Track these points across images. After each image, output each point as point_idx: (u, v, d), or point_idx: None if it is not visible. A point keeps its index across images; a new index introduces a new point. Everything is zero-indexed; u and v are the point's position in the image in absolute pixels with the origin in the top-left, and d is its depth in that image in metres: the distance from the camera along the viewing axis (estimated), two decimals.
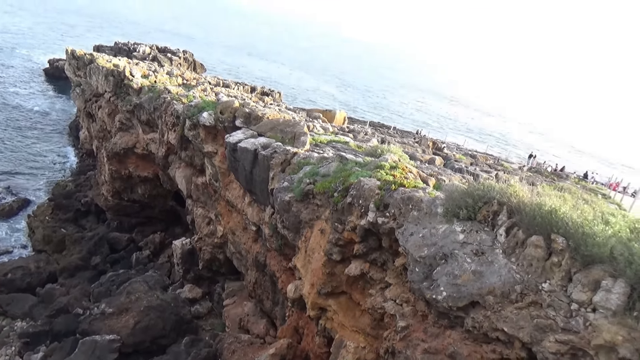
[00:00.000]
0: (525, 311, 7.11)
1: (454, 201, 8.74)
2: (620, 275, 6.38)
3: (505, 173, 25.43)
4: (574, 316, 6.63)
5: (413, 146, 29.18)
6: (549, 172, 44.46)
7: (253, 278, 17.88)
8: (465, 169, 20.84)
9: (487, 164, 32.16)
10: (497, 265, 7.71)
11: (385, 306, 9.76)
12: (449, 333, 8.12)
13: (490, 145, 71.64)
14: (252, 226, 17.30)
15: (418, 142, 34.63)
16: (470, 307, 7.71)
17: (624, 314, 6.21)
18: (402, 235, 9.23)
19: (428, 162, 20.78)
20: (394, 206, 9.77)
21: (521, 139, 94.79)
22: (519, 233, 7.64)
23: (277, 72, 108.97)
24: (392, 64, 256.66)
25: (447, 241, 8.46)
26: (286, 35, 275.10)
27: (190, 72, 42.27)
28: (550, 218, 7.23)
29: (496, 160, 44.06)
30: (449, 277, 7.97)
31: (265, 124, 16.97)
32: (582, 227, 6.94)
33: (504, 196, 8.15)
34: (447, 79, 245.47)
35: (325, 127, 21.62)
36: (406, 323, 8.90)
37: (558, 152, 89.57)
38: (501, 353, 7.29)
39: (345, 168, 12.44)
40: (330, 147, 16.55)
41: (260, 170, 15.27)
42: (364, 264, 10.89)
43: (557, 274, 6.97)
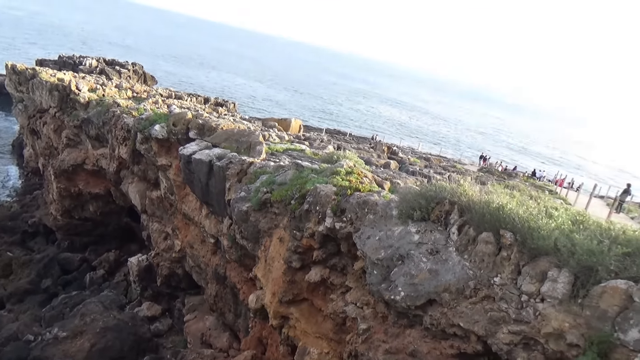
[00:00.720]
0: (479, 305, 7.37)
1: (408, 203, 8.97)
2: (564, 265, 6.74)
3: (458, 174, 26.29)
4: (525, 307, 6.94)
5: (369, 151, 29.69)
6: (499, 171, 46.23)
7: (214, 291, 17.60)
8: (420, 172, 21.39)
9: (440, 166, 33.13)
10: (451, 262, 7.97)
11: (346, 310, 9.85)
12: (408, 332, 8.30)
13: (444, 148, 73.79)
14: (211, 238, 17.06)
15: (373, 147, 35.25)
16: (427, 305, 7.91)
17: (570, 302, 6.56)
18: (360, 239, 9.38)
19: (383, 166, 21.22)
20: (351, 211, 9.92)
21: (473, 142, 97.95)
22: (470, 231, 7.93)
23: (232, 83, 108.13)
24: (346, 70, 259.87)
25: (403, 242, 8.67)
26: (236, 44, 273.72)
27: (140, 84, 41.33)
28: (498, 215, 7.56)
29: (449, 162, 45.42)
30: (406, 277, 8.16)
31: (220, 135, 16.82)
32: (527, 221, 7.29)
33: (454, 196, 8.44)
34: (404, 87, 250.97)
35: (281, 135, 21.66)
36: (367, 325, 9.02)
37: (507, 152, 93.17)
38: (459, 348, 7.52)
39: (301, 176, 12.51)
40: (286, 155, 16.60)
41: (217, 182, 15.11)
42: (324, 270, 10.96)
43: (507, 268, 7.28)
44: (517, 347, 6.87)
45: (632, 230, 7.30)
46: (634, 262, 6.45)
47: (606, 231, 7.20)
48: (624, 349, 5.87)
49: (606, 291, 6.15)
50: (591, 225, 7.58)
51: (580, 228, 7.51)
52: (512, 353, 6.88)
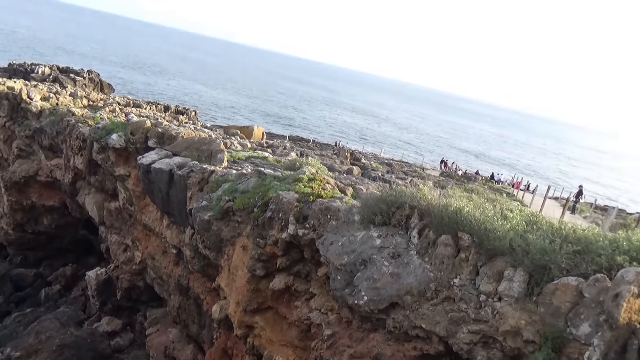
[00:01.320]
0: (440, 307, 7.53)
1: (369, 208, 9.09)
2: (519, 265, 6.98)
3: (419, 178, 26.79)
4: (483, 307, 7.14)
5: (332, 158, 29.87)
6: (459, 175, 47.43)
7: (176, 303, 17.23)
8: (382, 177, 21.67)
9: (402, 171, 33.69)
10: (412, 266, 8.11)
11: (311, 317, 9.85)
12: (372, 336, 8.38)
13: (406, 153, 75.06)
14: (172, 249, 16.72)
15: (336, 153, 35.49)
16: (390, 309, 8.02)
17: (525, 300, 6.79)
18: (323, 245, 9.42)
19: (346, 172, 21.40)
20: (313, 217, 9.96)
21: (434, 148, 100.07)
22: (430, 234, 8.11)
23: (193, 90, 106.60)
24: (311, 78, 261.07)
25: (365, 247, 8.77)
26: (200, 53, 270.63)
27: (96, 92, 40.18)
28: (456, 217, 7.76)
29: (411, 167, 46.25)
30: (369, 282, 8.25)
31: (180, 143, 16.56)
32: (484, 223, 7.52)
33: (414, 200, 8.62)
34: (369, 95, 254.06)
35: (243, 143, 21.51)
36: (332, 331, 9.05)
37: (465, 157, 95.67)
38: (421, 349, 7.65)
39: (264, 183, 12.47)
40: (248, 163, 16.49)
41: (177, 191, 14.85)
42: (288, 277, 10.94)
43: (466, 269, 7.48)
44: (477, 346, 7.05)
45: (582, 229, 7.64)
46: (584, 259, 6.76)
47: (557, 231, 7.51)
48: (576, 343, 6.12)
49: (558, 288, 6.40)
50: (544, 225, 7.88)
51: (534, 228, 7.80)
52: (472, 352, 7.06)
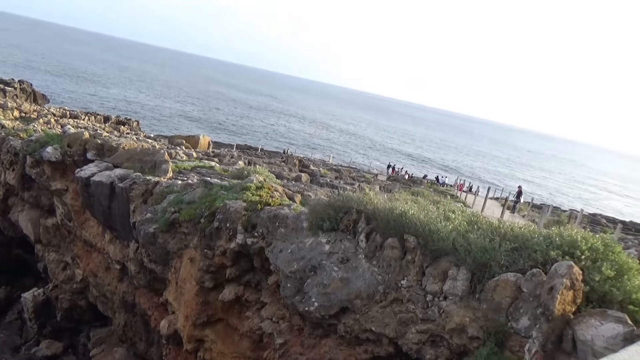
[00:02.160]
0: (389, 309, 7.67)
1: (317, 214, 9.13)
2: (462, 264, 7.23)
3: (366, 183, 27.23)
4: (430, 306, 7.33)
5: (280, 165, 29.81)
6: (405, 179, 48.61)
7: (122, 321, 16.54)
8: (330, 183, 21.85)
9: (350, 177, 34.12)
10: (361, 269, 8.22)
11: (262, 326, 9.75)
12: (324, 342, 8.40)
13: (354, 159, 76.15)
14: (116, 265, 16.05)
15: (285, 161, 35.46)
16: (341, 313, 8.07)
17: (469, 298, 7.04)
18: (272, 253, 9.37)
19: (295, 179, 21.41)
20: (262, 225, 9.89)
21: (381, 154, 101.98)
22: (377, 237, 8.25)
23: (136, 100, 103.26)
24: (257, 86, 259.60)
25: (314, 253, 8.79)
26: (138, 61, 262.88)
27: (29, 103, 38.10)
28: (401, 220, 7.94)
29: (359, 172, 46.93)
30: (319, 288, 8.27)
31: (122, 155, 15.98)
32: (428, 225, 7.73)
33: (361, 205, 8.75)
34: (316, 102, 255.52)
35: (188, 153, 21.07)
36: (284, 339, 9.00)
37: (410, 161, 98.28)
38: (372, 352, 7.75)
39: (210, 193, 12.25)
40: (194, 173, 16.16)
41: (120, 204, 14.30)
42: (238, 287, 10.78)
43: (412, 270, 7.66)
44: (425, 345, 7.23)
45: (519, 227, 8.02)
46: (521, 255, 7.09)
47: (496, 229, 7.84)
48: (517, 336, 6.40)
49: (499, 284, 6.68)
50: (484, 225, 8.21)
51: (475, 228, 8.10)
52: (421, 351, 7.23)
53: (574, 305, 6.09)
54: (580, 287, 6.12)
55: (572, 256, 6.69)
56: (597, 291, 6.29)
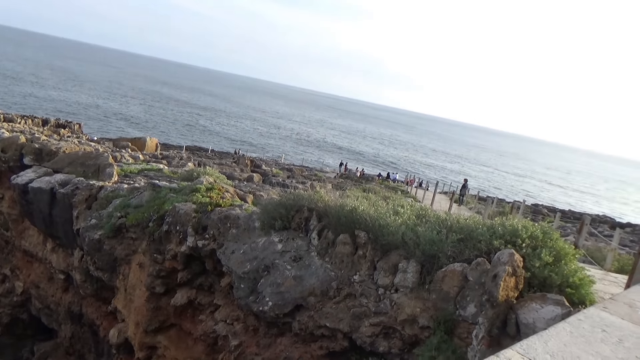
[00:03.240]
0: (343, 304, 7.76)
1: (269, 214, 9.10)
2: (411, 256, 7.42)
3: (318, 181, 27.37)
4: (382, 299, 7.48)
5: (231, 166, 29.43)
6: (357, 176, 49.23)
7: (69, 332, 15.83)
8: (282, 183, 21.80)
9: (303, 176, 34.17)
10: (314, 267, 8.26)
11: (216, 329, 9.60)
12: (280, 340, 8.39)
13: (306, 158, 76.24)
14: (60, 274, 15.34)
15: (236, 161, 35.03)
16: (295, 311, 8.08)
17: (419, 289, 7.24)
18: (224, 254, 9.25)
19: (246, 180, 21.21)
20: (213, 227, 9.74)
21: (333, 153, 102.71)
22: (329, 234, 8.33)
23: (78, 101, 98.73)
24: (204, 86, 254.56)
25: (267, 253, 8.76)
26: (74, 61, 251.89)
27: None
28: (352, 216, 8.05)
29: (311, 171, 47.09)
30: (273, 287, 8.25)
31: (62, 159, 15.27)
32: (378, 220, 7.88)
33: (312, 203, 8.79)
34: (269, 103, 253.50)
35: (135, 156, 20.41)
36: (239, 341, 8.91)
37: (362, 159, 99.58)
38: (327, 347, 7.81)
39: (159, 196, 11.93)
40: (141, 176, 15.69)
41: (61, 211, 13.66)
42: (191, 291, 10.56)
43: (364, 265, 7.79)
44: (379, 338, 7.36)
45: (464, 219, 8.31)
46: (467, 246, 7.36)
47: (443, 222, 8.10)
48: (465, 323, 6.64)
49: (446, 275, 6.91)
50: (431, 218, 8.46)
51: (423, 221, 8.34)
52: (374, 344, 7.36)
53: (517, 290, 6.39)
54: (522, 273, 6.43)
55: (514, 244, 7.02)
56: (538, 276, 6.62)
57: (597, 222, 48.66)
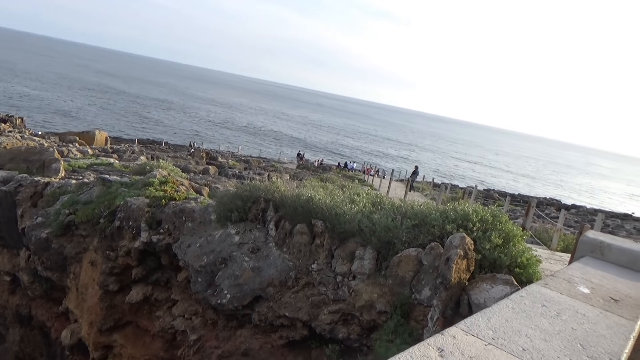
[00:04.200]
0: (302, 293, 7.80)
1: (225, 206, 8.99)
2: (368, 244, 7.54)
3: (276, 172, 27.27)
4: (340, 287, 7.57)
5: (186, 159, 28.83)
6: (315, 166, 49.39)
7: (18, 336, 15.13)
8: (239, 174, 21.58)
9: (260, 167, 33.93)
10: (272, 258, 8.24)
11: (174, 324, 9.45)
12: (239, 332, 8.35)
13: (263, 149, 75.70)
14: (6, 276, 14.61)
15: (191, 154, 34.34)
16: (254, 303, 8.06)
17: (376, 275, 7.37)
18: (180, 248, 9.08)
19: (202, 172, 20.86)
20: (167, 221, 9.53)
21: (289, 143, 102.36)
22: (286, 224, 8.32)
23: (20, 94, 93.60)
24: (153, 77, 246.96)
25: (224, 245, 8.66)
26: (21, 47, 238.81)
27: None
28: (309, 206, 8.08)
29: (269, 162, 46.83)
30: (231, 279, 8.18)
31: (3, 155, 14.49)
32: (334, 209, 7.94)
33: (268, 193, 8.75)
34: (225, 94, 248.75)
35: (83, 150, 19.63)
36: (198, 335, 8.80)
37: (318, 149, 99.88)
38: (287, 337, 7.84)
39: (109, 191, 11.55)
40: (91, 171, 15.13)
41: (4, 210, 12.98)
42: (146, 287, 10.33)
43: (322, 254, 7.84)
44: (338, 325, 7.46)
45: (418, 205, 8.51)
46: (421, 231, 7.54)
47: (398, 209, 8.25)
48: (421, 306, 6.82)
49: (402, 260, 7.06)
50: (387, 205, 8.61)
51: (379, 209, 8.47)
52: (334, 331, 7.45)
53: (468, 272, 6.62)
54: (473, 255, 6.66)
55: (466, 228, 7.25)
56: (488, 258, 6.88)
57: (545, 205, 51.04)
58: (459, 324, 1.79)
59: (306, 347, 7.88)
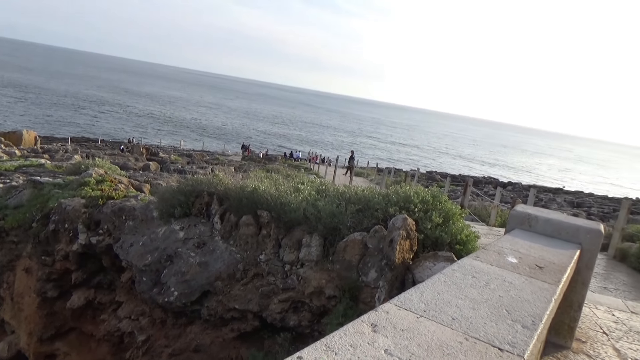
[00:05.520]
0: (251, 285, 7.78)
1: (167, 202, 8.77)
2: (314, 231, 7.61)
3: (221, 165, 26.83)
4: (289, 275, 7.61)
5: (125, 156, 27.75)
6: (260, 158, 49.02)
7: None
8: (182, 169, 21.06)
9: (203, 161, 33.23)
10: (219, 251, 8.15)
11: (121, 327, 9.16)
12: (189, 329, 8.23)
13: (207, 143, 74.12)
14: None
15: (130, 150, 33.07)
16: (203, 298, 7.96)
17: (323, 261, 7.47)
18: (122, 248, 8.78)
19: (142, 169, 20.19)
20: (107, 221, 9.17)
21: (235, 134, 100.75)
22: (232, 217, 8.24)
23: None
24: (85, 71, 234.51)
25: (168, 242, 8.47)
26: None
27: None
28: (253, 197, 8.03)
29: (213, 155, 45.98)
30: (178, 276, 8.03)
31: None
32: (279, 198, 7.95)
33: (212, 187, 8.61)
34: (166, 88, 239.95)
35: (10, 152, 18.42)
36: (146, 335, 8.59)
37: (264, 139, 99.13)
38: (239, 329, 7.82)
39: (42, 193, 10.94)
40: (20, 173, 14.22)
41: None
42: (88, 291, 9.92)
43: (269, 244, 7.84)
44: (288, 313, 7.52)
45: (362, 190, 8.68)
46: (365, 215, 7.71)
47: (342, 195, 8.38)
48: (368, 288, 6.99)
49: (348, 244, 7.20)
50: (331, 192, 8.71)
51: (324, 196, 8.56)
52: (285, 319, 7.50)
53: (412, 252, 6.86)
54: (415, 235, 6.90)
55: (408, 210, 7.48)
56: (430, 237, 7.15)
57: (484, 183, 53.49)
58: (393, 300, 1.87)
59: (258, 337, 7.89)
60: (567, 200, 44.18)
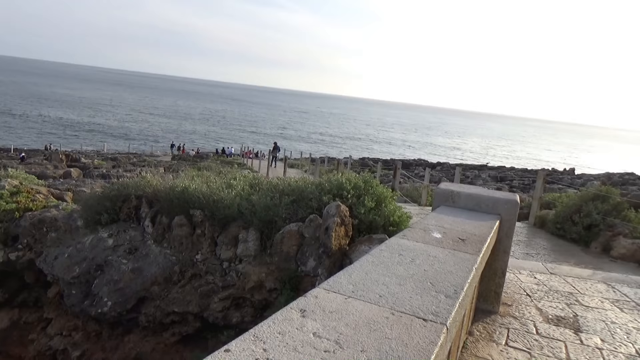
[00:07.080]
0: (189, 286, 7.61)
1: (91, 209, 8.34)
2: (250, 226, 7.57)
3: (150, 167, 25.83)
4: (228, 273, 7.53)
5: (42, 164, 25.97)
6: (191, 156, 47.74)
7: None
8: (107, 174, 20.06)
9: (130, 163, 31.85)
10: (152, 255, 7.89)
11: (52, 345, 8.64)
12: (128, 338, 7.92)
13: (132, 144, 70.95)
14: None
15: (48, 158, 30.98)
16: (140, 305, 7.69)
17: (262, 255, 7.45)
18: (46, 262, 8.26)
19: (63, 176, 19.04)
20: (26, 235, 8.58)
21: (163, 133, 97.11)
22: (163, 219, 7.99)
23: None
24: None
25: (97, 251, 8.07)
26: None
27: None
28: (184, 196, 7.83)
29: (140, 157, 44.16)
30: (110, 285, 7.69)
31: None
32: (211, 196, 7.81)
33: (139, 189, 8.29)
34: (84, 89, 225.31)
35: None
36: (81, 350, 8.17)
37: (194, 137, 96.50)
38: (180, 332, 7.65)
39: None
40: None
41: None
42: (12, 312, 9.26)
43: (205, 243, 7.70)
44: (230, 310, 7.45)
45: (295, 181, 8.72)
46: (299, 206, 7.76)
47: (276, 187, 8.38)
48: (308, 277, 7.07)
49: (285, 236, 7.23)
50: (264, 185, 8.68)
51: (257, 190, 8.51)
52: (227, 317, 7.43)
53: (347, 238, 7.01)
54: (350, 221, 7.05)
55: (341, 197, 7.62)
56: (364, 221, 7.34)
57: (415, 166, 55.40)
58: (322, 284, 1.91)
59: (201, 339, 7.76)
60: (492, 175, 46.84)
